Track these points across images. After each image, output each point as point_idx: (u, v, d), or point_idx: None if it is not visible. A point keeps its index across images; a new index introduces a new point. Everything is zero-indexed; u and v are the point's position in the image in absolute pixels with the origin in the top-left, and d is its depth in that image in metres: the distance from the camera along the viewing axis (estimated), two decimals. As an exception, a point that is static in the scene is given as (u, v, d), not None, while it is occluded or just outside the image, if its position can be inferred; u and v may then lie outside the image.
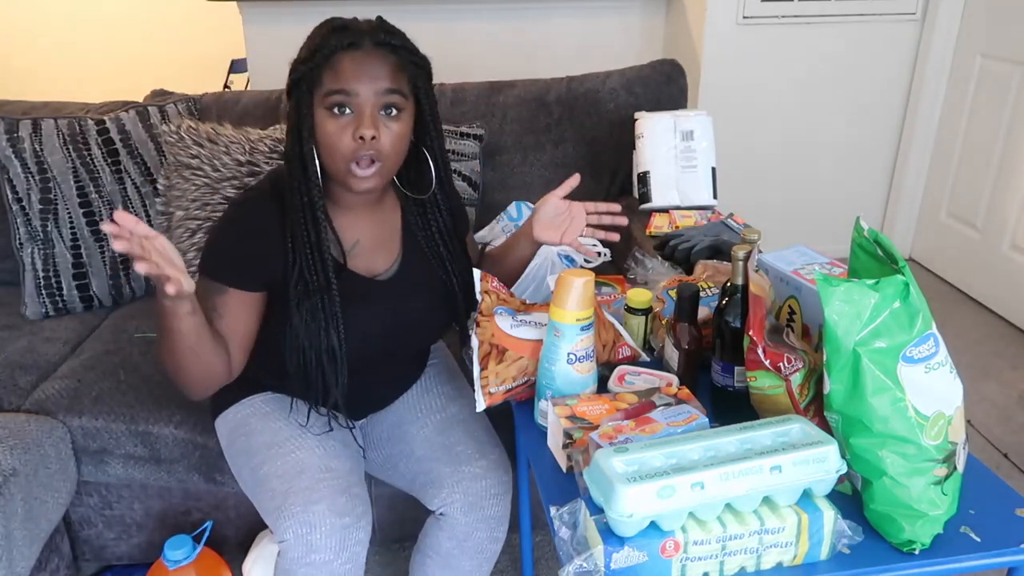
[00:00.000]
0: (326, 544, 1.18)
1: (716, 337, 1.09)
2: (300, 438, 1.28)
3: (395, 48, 1.13)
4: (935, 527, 0.90)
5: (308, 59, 1.11)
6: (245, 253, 1.18)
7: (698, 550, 0.84)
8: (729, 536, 0.84)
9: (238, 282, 1.18)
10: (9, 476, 1.36)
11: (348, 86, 1.10)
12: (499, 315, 1.19)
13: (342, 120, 1.11)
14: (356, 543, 1.21)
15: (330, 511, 1.19)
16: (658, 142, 1.95)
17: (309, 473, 1.23)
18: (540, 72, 2.23)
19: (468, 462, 1.32)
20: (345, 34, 1.11)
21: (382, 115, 1.13)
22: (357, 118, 1.11)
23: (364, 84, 1.10)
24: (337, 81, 1.10)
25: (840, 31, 2.97)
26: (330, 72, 1.10)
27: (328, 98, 1.10)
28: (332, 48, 1.10)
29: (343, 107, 1.11)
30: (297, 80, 1.13)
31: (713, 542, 0.84)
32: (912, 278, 0.87)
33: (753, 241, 1.10)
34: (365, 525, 1.23)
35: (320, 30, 1.14)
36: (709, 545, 0.84)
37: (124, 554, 1.72)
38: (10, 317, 1.88)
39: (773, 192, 3.19)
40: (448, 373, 1.50)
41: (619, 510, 0.81)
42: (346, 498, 1.21)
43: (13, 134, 1.81)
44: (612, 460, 0.85)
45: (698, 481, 0.83)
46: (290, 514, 1.18)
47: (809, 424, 0.92)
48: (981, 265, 2.92)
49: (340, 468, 1.26)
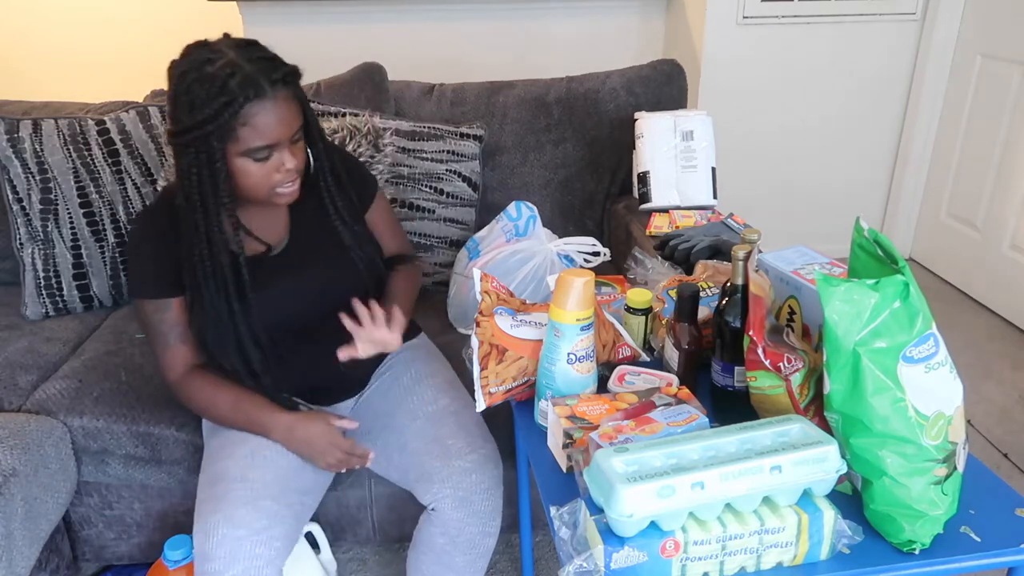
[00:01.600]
0: (217, 553, 1.19)
1: (716, 337, 1.09)
2: (238, 445, 1.31)
3: (286, 81, 1.18)
4: (935, 527, 0.90)
5: (215, 118, 1.12)
6: (157, 266, 1.28)
7: (698, 550, 0.84)
8: (729, 536, 0.84)
9: (171, 290, 1.28)
10: (9, 476, 1.36)
11: (271, 140, 1.17)
12: (499, 315, 1.19)
13: (267, 164, 1.20)
14: (253, 556, 1.19)
15: (225, 521, 1.20)
16: (658, 142, 1.95)
17: (223, 483, 1.25)
18: (540, 72, 2.23)
19: (458, 456, 1.32)
20: (244, 85, 1.12)
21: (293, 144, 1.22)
22: (279, 157, 1.20)
23: (284, 132, 1.18)
24: (259, 137, 1.16)
25: (840, 31, 2.97)
26: (247, 129, 1.14)
27: (252, 152, 1.17)
28: (239, 104, 1.12)
29: (266, 155, 1.19)
30: (203, 136, 1.14)
31: (713, 542, 0.84)
32: (912, 278, 0.87)
33: (753, 241, 1.10)
34: (268, 539, 1.21)
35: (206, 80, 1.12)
36: (709, 545, 0.84)
37: (124, 554, 1.72)
38: (10, 317, 1.88)
39: (773, 192, 3.19)
40: (438, 363, 1.52)
41: (619, 510, 0.81)
42: (247, 509, 1.21)
43: (13, 134, 1.81)
44: (612, 460, 0.85)
45: (698, 481, 0.83)
46: (198, 524, 1.22)
47: (809, 424, 0.92)
48: (981, 265, 2.92)
49: (258, 479, 1.26)
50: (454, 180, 1.95)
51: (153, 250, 1.28)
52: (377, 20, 2.93)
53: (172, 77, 1.16)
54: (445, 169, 1.95)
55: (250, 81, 1.12)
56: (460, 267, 1.83)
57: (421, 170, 1.93)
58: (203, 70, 1.12)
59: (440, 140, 1.95)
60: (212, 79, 1.11)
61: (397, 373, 1.48)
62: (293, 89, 1.19)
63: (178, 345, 1.31)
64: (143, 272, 1.30)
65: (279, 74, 1.16)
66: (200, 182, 1.18)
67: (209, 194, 1.19)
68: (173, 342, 1.31)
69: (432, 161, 1.94)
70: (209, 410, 1.35)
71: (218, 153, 1.15)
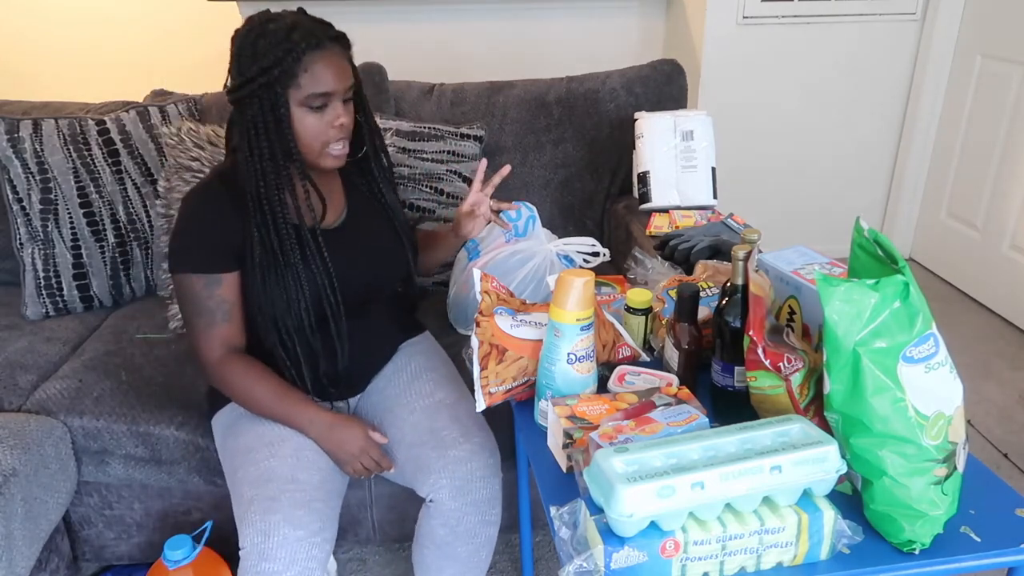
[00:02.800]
0: (277, 555, 1.18)
1: (716, 337, 1.09)
2: (277, 445, 1.30)
3: (341, 42, 1.26)
4: (935, 527, 0.90)
5: (279, 63, 1.18)
6: (214, 239, 1.28)
7: (698, 550, 0.84)
8: (729, 536, 0.84)
9: (224, 264, 1.28)
10: (9, 476, 1.36)
11: (329, 88, 1.22)
12: (499, 315, 1.19)
13: (324, 115, 1.24)
14: (309, 558, 1.20)
15: (285, 522, 1.20)
16: (658, 142, 1.95)
17: (275, 483, 1.24)
18: (540, 72, 2.23)
19: (453, 446, 1.33)
20: (306, 34, 1.20)
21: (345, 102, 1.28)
22: (334, 111, 1.25)
23: (339, 83, 1.23)
24: (318, 84, 1.21)
25: (840, 31, 2.97)
26: (307, 75, 1.21)
27: (310, 99, 1.22)
28: (301, 50, 1.19)
29: (323, 105, 1.24)
30: (268, 83, 1.20)
31: (713, 542, 0.84)
32: (912, 278, 0.87)
33: (753, 241, 1.10)
34: (321, 542, 1.23)
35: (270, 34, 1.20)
36: (709, 545, 0.84)
37: (124, 554, 1.72)
38: (10, 317, 1.88)
39: (773, 192, 3.19)
40: (438, 359, 1.53)
41: (619, 510, 0.81)
42: (305, 512, 1.22)
43: (13, 134, 1.81)
44: (612, 460, 0.85)
45: (698, 481, 0.82)
46: (250, 522, 1.21)
47: (809, 424, 0.92)
48: (981, 265, 2.92)
49: (307, 481, 1.27)
50: (454, 180, 1.95)
51: (209, 222, 1.28)
52: (377, 20, 2.92)
53: (236, 38, 1.23)
54: (445, 170, 1.95)
55: (311, 32, 1.20)
56: (460, 267, 1.83)
57: (421, 170, 1.93)
58: (266, 27, 1.20)
59: (440, 140, 1.95)
60: (275, 32, 1.19)
61: (398, 367, 1.50)
62: (345, 50, 1.27)
63: (223, 324, 1.30)
64: (197, 244, 1.29)
65: (335, 32, 1.25)
66: (266, 131, 1.23)
67: (276, 143, 1.23)
68: (219, 320, 1.29)
69: (432, 161, 1.94)
70: (247, 395, 1.32)
71: (281, 98, 1.21)
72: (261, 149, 1.24)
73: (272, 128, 1.23)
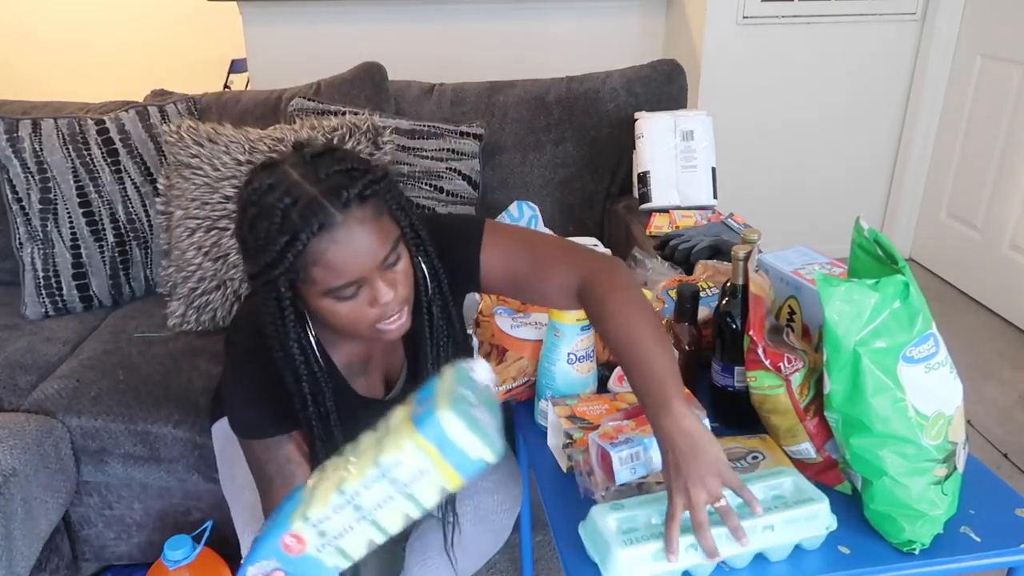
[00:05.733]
0: None
1: (716, 337, 1.09)
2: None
3: (362, 197, 0.92)
4: (935, 527, 0.90)
5: (279, 260, 0.90)
6: (271, 402, 1.06)
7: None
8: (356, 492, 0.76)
9: (279, 426, 1.08)
10: (9, 476, 1.36)
11: (349, 277, 0.93)
12: (499, 315, 1.19)
13: (357, 300, 0.96)
14: None
15: None
16: (658, 142, 1.95)
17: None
18: (540, 72, 2.23)
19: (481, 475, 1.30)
20: (306, 215, 0.90)
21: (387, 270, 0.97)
22: (370, 290, 0.95)
23: (364, 264, 0.93)
24: (335, 277, 0.92)
25: (840, 31, 2.97)
26: (317, 268, 0.92)
27: (334, 293, 0.94)
28: (304, 241, 0.89)
29: (353, 293, 0.95)
30: (272, 281, 0.93)
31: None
32: (912, 278, 0.87)
33: (753, 241, 1.10)
34: None
35: (267, 213, 0.91)
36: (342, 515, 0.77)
37: (124, 554, 1.72)
38: (10, 317, 1.88)
39: (773, 192, 3.19)
40: None
41: (615, 573, 0.83)
42: None
43: (13, 134, 1.81)
44: (608, 519, 0.86)
45: (693, 543, 0.84)
46: (253, 529, 1.18)
47: (800, 477, 0.93)
48: (981, 265, 2.92)
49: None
50: (454, 178, 1.95)
51: (252, 382, 1.07)
52: (377, 20, 2.92)
53: (238, 210, 0.98)
54: (445, 167, 1.95)
55: (314, 208, 0.89)
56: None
57: (421, 168, 1.93)
58: (264, 201, 0.92)
59: (440, 138, 1.95)
60: (272, 212, 0.90)
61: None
62: (375, 204, 0.94)
63: (283, 490, 1.05)
64: (245, 407, 1.09)
65: (354, 190, 0.91)
66: (278, 332, 0.98)
67: (287, 338, 0.98)
68: (279, 486, 1.06)
69: (432, 159, 1.94)
70: None
71: (287, 301, 0.95)
72: (288, 347, 0.99)
73: (291, 324, 0.97)
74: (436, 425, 0.74)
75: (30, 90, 2.35)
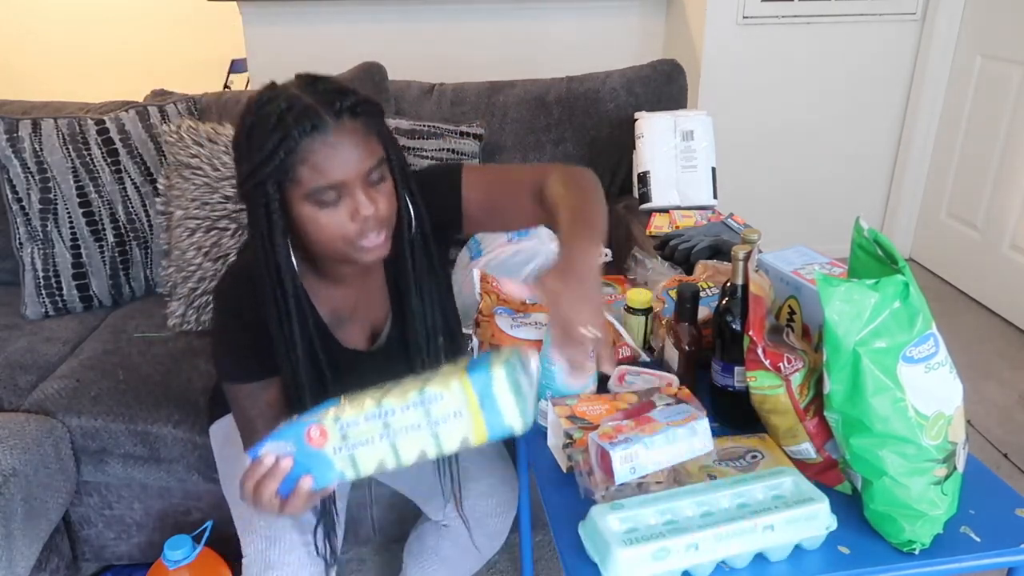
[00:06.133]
0: (285, 560, 1.15)
1: (716, 337, 1.09)
2: None
3: (354, 111, 0.99)
4: (935, 527, 0.90)
5: (270, 158, 0.95)
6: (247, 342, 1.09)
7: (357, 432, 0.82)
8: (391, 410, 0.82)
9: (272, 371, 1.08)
10: (9, 476, 1.36)
11: (335, 179, 0.97)
12: (499, 315, 1.19)
13: (337, 209, 0.99)
14: (317, 562, 1.18)
15: (293, 527, 1.17)
16: (658, 142, 1.95)
17: None
18: (540, 72, 2.23)
19: (474, 479, 1.29)
20: (300, 117, 0.95)
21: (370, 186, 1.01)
22: (351, 201, 0.99)
23: (349, 170, 0.98)
24: (320, 176, 0.96)
25: (840, 31, 2.97)
26: (306, 168, 0.96)
27: (315, 196, 0.98)
28: (295, 138, 0.94)
29: (333, 199, 0.99)
30: (261, 182, 0.97)
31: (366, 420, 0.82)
32: (912, 278, 0.87)
33: (753, 241, 1.10)
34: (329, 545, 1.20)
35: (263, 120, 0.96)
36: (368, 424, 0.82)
37: (124, 554, 1.72)
38: (10, 317, 1.88)
39: (773, 192, 3.19)
40: None
41: (615, 572, 0.83)
42: (312, 515, 1.19)
43: (13, 134, 1.81)
44: (608, 518, 0.86)
45: (693, 543, 0.84)
46: (255, 528, 1.18)
47: (800, 477, 0.93)
48: (981, 265, 2.92)
49: None
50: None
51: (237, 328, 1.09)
52: (377, 20, 2.92)
53: (236, 123, 1.02)
54: (445, 169, 1.95)
55: (308, 113, 0.95)
56: (461, 266, 1.83)
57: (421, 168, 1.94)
58: (262, 111, 0.97)
59: (440, 138, 1.95)
60: (268, 117, 0.96)
61: None
62: (365, 121, 1.00)
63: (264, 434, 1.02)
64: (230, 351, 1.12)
65: (347, 103, 0.97)
66: (271, 237, 1.00)
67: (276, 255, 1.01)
68: (261, 429, 1.06)
69: (432, 159, 1.94)
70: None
71: (274, 203, 0.98)
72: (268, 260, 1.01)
73: (279, 233, 1.00)
74: (486, 376, 0.80)
75: (30, 90, 2.35)
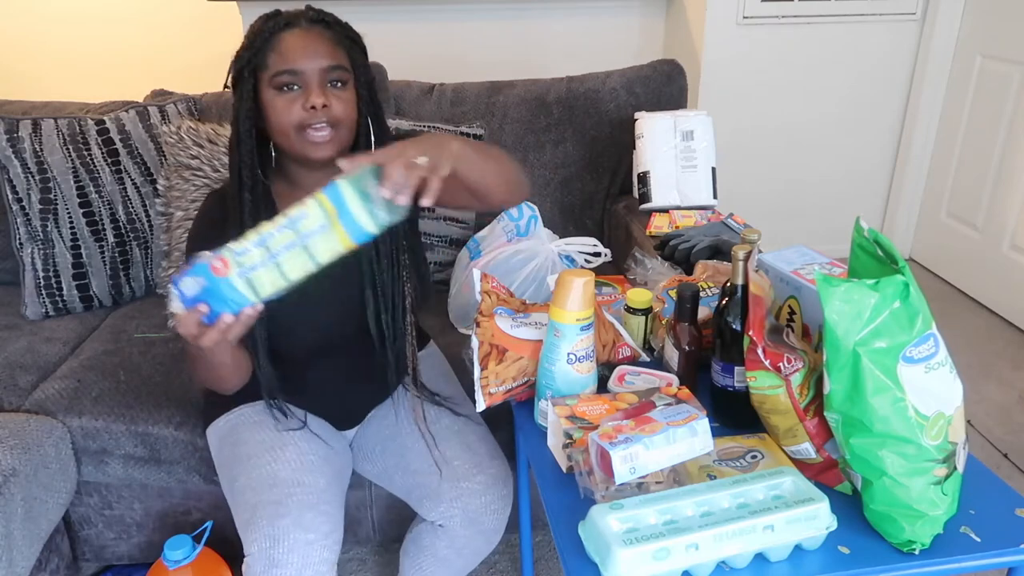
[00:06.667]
0: (288, 559, 1.16)
1: (716, 337, 1.09)
2: (279, 450, 1.27)
3: (329, 24, 1.19)
4: (935, 527, 0.90)
5: (249, 46, 1.16)
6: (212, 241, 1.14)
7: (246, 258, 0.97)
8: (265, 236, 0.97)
9: None
10: (9, 476, 1.36)
11: (294, 64, 1.14)
12: (499, 315, 1.19)
13: (292, 95, 1.15)
14: (321, 561, 1.18)
15: (295, 526, 1.17)
16: (658, 142, 1.95)
17: (280, 487, 1.21)
18: (540, 72, 2.23)
19: (467, 477, 1.29)
20: (280, 17, 1.17)
21: (329, 87, 1.17)
22: (305, 91, 1.15)
23: (308, 61, 1.14)
24: (283, 61, 1.14)
25: (840, 31, 2.97)
26: (274, 54, 1.15)
27: (276, 78, 1.15)
28: (271, 30, 1.15)
29: (291, 85, 1.15)
30: (241, 69, 1.17)
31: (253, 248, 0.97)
32: (912, 278, 0.87)
33: (753, 241, 1.10)
34: (332, 544, 1.21)
35: (254, 23, 1.18)
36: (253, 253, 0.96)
37: (124, 554, 1.72)
38: (10, 317, 1.88)
39: (773, 192, 3.19)
40: (444, 380, 1.47)
41: (615, 572, 0.83)
42: (314, 514, 1.20)
43: (13, 134, 1.81)
44: (608, 518, 0.86)
45: (693, 543, 0.84)
46: (256, 527, 1.18)
47: (800, 477, 0.93)
48: (981, 265, 2.92)
49: (313, 484, 1.24)
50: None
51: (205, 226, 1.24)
52: (377, 20, 2.92)
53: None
54: (445, 169, 1.95)
55: (288, 15, 1.17)
56: (461, 266, 1.83)
57: (421, 170, 1.93)
58: (259, 18, 1.18)
59: (440, 140, 1.95)
60: (259, 21, 1.17)
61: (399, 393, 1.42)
62: (337, 33, 1.19)
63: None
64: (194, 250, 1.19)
65: (328, 19, 1.19)
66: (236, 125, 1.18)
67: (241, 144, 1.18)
68: None
69: (432, 161, 1.94)
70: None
71: (248, 85, 1.16)
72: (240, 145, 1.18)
73: (245, 117, 1.17)
74: (336, 189, 0.93)
75: (30, 90, 2.34)
